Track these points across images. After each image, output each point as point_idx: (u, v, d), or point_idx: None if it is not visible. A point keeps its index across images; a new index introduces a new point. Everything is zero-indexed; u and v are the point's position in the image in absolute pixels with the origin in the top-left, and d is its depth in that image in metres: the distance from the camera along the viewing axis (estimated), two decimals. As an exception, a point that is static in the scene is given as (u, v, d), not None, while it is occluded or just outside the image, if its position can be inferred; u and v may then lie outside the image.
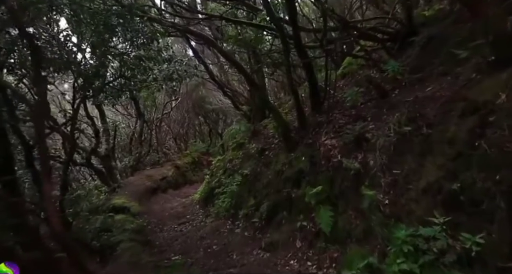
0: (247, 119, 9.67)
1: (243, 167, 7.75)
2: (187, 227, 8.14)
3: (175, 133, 16.86)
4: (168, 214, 9.36)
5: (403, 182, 3.45)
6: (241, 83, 12.08)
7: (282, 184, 5.65)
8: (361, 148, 4.37)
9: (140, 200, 10.05)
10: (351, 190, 4.19)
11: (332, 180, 4.56)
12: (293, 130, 6.23)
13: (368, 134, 4.37)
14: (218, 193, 8.42)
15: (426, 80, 4.58)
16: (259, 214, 5.83)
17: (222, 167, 9.36)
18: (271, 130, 8.02)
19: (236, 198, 7.28)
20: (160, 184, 11.57)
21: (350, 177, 4.23)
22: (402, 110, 4.10)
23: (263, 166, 6.90)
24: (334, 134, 4.97)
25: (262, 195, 6.20)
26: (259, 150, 7.50)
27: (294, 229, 4.86)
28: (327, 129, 5.20)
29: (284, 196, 5.39)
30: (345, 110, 5.37)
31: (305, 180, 5.07)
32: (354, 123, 4.84)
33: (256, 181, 6.73)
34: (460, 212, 2.68)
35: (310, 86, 5.92)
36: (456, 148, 2.93)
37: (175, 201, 10.67)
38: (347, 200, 4.22)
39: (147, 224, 8.47)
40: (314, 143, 5.28)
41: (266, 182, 6.26)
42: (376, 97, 5.13)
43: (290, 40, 5.68)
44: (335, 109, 5.61)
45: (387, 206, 3.51)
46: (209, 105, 16.73)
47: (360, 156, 4.30)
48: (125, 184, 10.77)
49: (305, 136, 5.69)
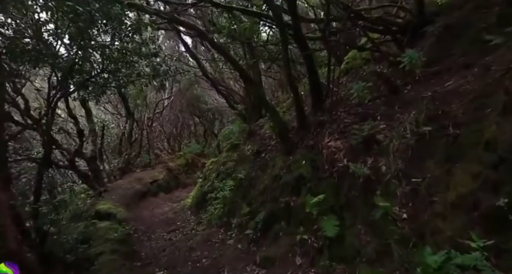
0: (243, 119, 9.08)
1: (237, 171, 7.15)
2: (177, 235, 7.52)
3: (168, 134, 16.19)
4: (158, 220, 8.72)
5: (426, 193, 2.87)
6: (236, 81, 11.50)
7: (279, 190, 5.05)
8: (370, 151, 3.79)
9: (128, 205, 9.41)
10: (360, 200, 3.60)
11: (337, 187, 3.98)
12: (291, 131, 5.64)
13: (379, 135, 3.79)
14: (210, 198, 7.81)
15: (444, 74, 4.02)
16: (253, 224, 5.23)
17: (216, 170, 8.75)
18: (268, 131, 7.44)
19: (229, 204, 6.68)
20: (150, 187, 10.92)
21: (359, 185, 3.64)
22: (419, 108, 3.53)
23: (258, 170, 6.30)
24: (339, 135, 4.39)
25: (257, 203, 5.60)
26: (255, 152, 6.91)
27: (294, 243, 4.26)
28: (331, 129, 4.61)
29: (281, 204, 4.79)
30: (350, 108, 4.78)
31: (306, 186, 4.48)
32: (361, 122, 4.26)
33: (251, 187, 6.13)
34: (507, 235, 2.10)
35: (310, 82, 5.33)
36: (497, 152, 2.35)
37: (166, 206, 10.03)
38: (355, 212, 3.64)
39: (133, 231, 7.83)
40: (315, 144, 4.69)
41: (262, 187, 5.66)
42: (386, 94, 4.55)
43: (289, 31, 5.09)
44: (339, 107, 5.03)
45: (405, 222, 2.92)
46: (204, 104, 16.11)
47: (369, 160, 3.72)
48: (113, 187, 10.12)
49: (306, 137, 5.11)
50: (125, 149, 11.79)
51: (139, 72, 7.32)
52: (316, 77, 5.36)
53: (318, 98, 5.42)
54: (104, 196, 9.51)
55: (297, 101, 5.10)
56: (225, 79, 11.63)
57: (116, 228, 7.22)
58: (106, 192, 9.71)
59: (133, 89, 10.97)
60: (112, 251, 5.97)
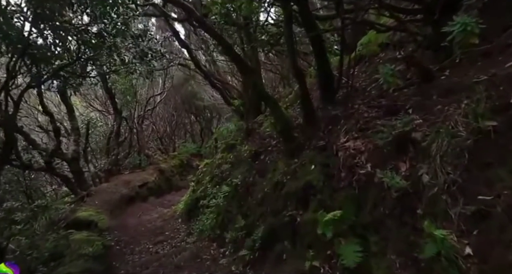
0: (240, 116, 8.17)
1: (233, 175, 6.23)
2: (165, 247, 6.63)
3: (161, 133, 15.23)
4: (145, 229, 7.81)
5: (502, 218, 1.94)
6: (234, 75, 10.57)
7: (282, 201, 4.13)
8: (404, 153, 2.86)
9: (112, 212, 8.51)
10: (392, 220, 2.68)
11: (359, 201, 3.06)
12: (296, 129, 4.72)
13: (416, 133, 2.86)
14: (203, 205, 6.92)
15: (497, 54, 3.09)
16: (250, 241, 4.30)
17: (209, 173, 7.84)
18: (268, 129, 6.52)
19: (223, 214, 5.78)
20: (139, 191, 10.00)
21: (390, 199, 2.72)
22: (473, 96, 2.60)
23: (257, 174, 5.39)
24: (359, 134, 3.46)
25: (255, 215, 4.69)
26: (253, 153, 6.00)
27: (301, 271, 3.34)
28: (347, 126, 3.69)
29: (285, 219, 3.87)
30: (371, 100, 3.86)
31: (316, 198, 3.55)
32: (387, 117, 3.35)
33: (248, 194, 5.22)
34: None
35: (319, 69, 4.42)
36: None
37: (155, 212, 9.12)
38: (385, 236, 2.71)
39: (115, 243, 6.93)
40: (328, 145, 3.77)
41: (261, 196, 4.74)
42: (416, 81, 3.62)
43: (293, 6, 4.16)
44: (356, 99, 4.10)
45: (470, 260, 2.00)
46: (201, 101, 15.15)
47: (403, 167, 2.80)
48: (97, 191, 9.20)
49: (314, 136, 4.19)
50: (113, 149, 10.85)
51: (122, 59, 6.39)
52: (326, 64, 4.44)
53: (328, 90, 4.51)
54: (87, 201, 8.60)
55: (303, 92, 4.18)
56: (221, 73, 10.71)
57: (94, 240, 6.31)
58: (89, 197, 8.80)
59: (122, 84, 10.05)
60: (84, 271, 5.05)
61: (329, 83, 4.50)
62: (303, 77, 4.24)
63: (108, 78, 9.66)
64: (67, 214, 7.85)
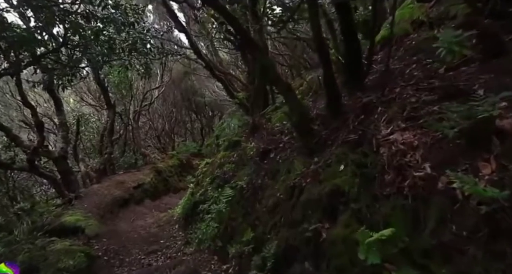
0: (244, 110, 7.34)
1: (237, 176, 5.41)
2: (159, 258, 5.82)
3: (159, 131, 14.37)
4: (138, 236, 6.97)
5: None
6: (237, 67, 9.75)
7: (300, 210, 3.29)
8: (486, 149, 2.02)
9: (103, 216, 7.69)
10: (475, 247, 1.83)
11: (415, 215, 2.22)
12: (316, 120, 3.88)
13: (503, 121, 2.01)
14: (203, 210, 6.06)
15: None
16: (260, 259, 3.46)
17: (210, 174, 6.99)
18: (277, 124, 5.69)
19: (225, 222, 4.94)
20: (133, 193, 9.16)
21: (472, 215, 1.88)
22: None
23: (266, 176, 4.55)
24: (406, 123, 2.62)
25: (265, 225, 3.84)
26: (260, 151, 5.16)
27: (330, 306, 2.51)
28: (389, 115, 2.84)
29: (305, 233, 3.02)
30: (418, 82, 3.00)
31: (348, 208, 2.71)
32: (445, 101, 2.50)
33: (255, 200, 4.38)
34: None
35: (347, 46, 3.59)
36: None
37: (150, 217, 8.28)
38: (463, 270, 1.86)
39: (103, 253, 6.09)
40: (362, 139, 2.93)
41: (272, 203, 3.89)
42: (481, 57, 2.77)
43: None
44: (397, 80, 3.26)
45: None
46: (201, 98, 14.30)
47: (487, 168, 1.96)
48: (87, 193, 8.37)
49: (341, 129, 3.35)
50: (105, 147, 10.03)
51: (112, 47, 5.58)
52: (354, 41, 3.60)
53: (356, 73, 3.66)
54: (75, 204, 7.78)
55: (327, 73, 3.34)
56: (224, 65, 9.85)
57: (77, 250, 5.48)
58: (78, 199, 7.98)
59: (115, 76, 9.23)
60: (58, 291, 4.22)
61: (357, 66, 3.66)
62: (328, 55, 3.40)
63: (101, 70, 8.86)
64: (52, 219, 7.04)
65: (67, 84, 6.59)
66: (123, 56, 6.35)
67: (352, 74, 3.68)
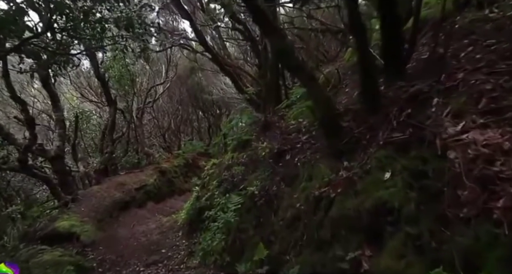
0: (255, 107, 6.67)
1: (248, 180, 4.75)
2: (159, 271, 5.23)
3: (164, 129, 13.76)
4: (137, 244, 6.38)
5: None
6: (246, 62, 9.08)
7: (329, 228, 2.60)
8: None
9: (101, 221, 7.12)
10: None
11: (515, 250, 1.51)
12: (345, 115, 3.19)
13: None
14: (208, 217, 5.43)
15: None
16: (278, 286, 2.80)
17: (217, 176, 6.35)
18: (293, 122, 5.01)
19: (234, 233, 4.29)
20: (135, 195, 8.57)
21: None
22: None
23: (282, 182, 3.87)
24: (485, 118, 1.91)
25: (283, 243, 3.17)
26: (274, 152, 4.49)
27: None
28: (454, 106, 2.13)
29: (339, 262, 2.33)
30: (491, 64, 2.28)
31: (402, 232, 2.01)
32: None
33: (270, 210, 3.71)
34: None
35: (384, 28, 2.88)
36: None
37: (152, 221, 7.68)
38: None
39: (98, 263, 5.51)
40: (416, 138, 2.23)
41: (291, 215, 3.22)
42: None
43: None
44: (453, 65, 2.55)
45: None
46: (208, 95, 13.66)
47: None
48: (84, 195, 7.81)
49: (381, 125, 2.65)
50: (106, 146, 9.47)
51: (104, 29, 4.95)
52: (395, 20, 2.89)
53: (397, 58, 2.96)
54: (71, 208, 7.22)
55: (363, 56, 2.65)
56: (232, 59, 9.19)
57: (67, 262, 4.90)
58: (75, 202, 7.43)
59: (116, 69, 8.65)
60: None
61: (397, 49, 2.95)
62: (364, 33, 2.70)
63: (101, 64, 8.28)
64: (45, 224, 6.50)
65: (59, 72, 6.02)
66: (118, 39, 5.73)
67: (392, 60, 2.97)
